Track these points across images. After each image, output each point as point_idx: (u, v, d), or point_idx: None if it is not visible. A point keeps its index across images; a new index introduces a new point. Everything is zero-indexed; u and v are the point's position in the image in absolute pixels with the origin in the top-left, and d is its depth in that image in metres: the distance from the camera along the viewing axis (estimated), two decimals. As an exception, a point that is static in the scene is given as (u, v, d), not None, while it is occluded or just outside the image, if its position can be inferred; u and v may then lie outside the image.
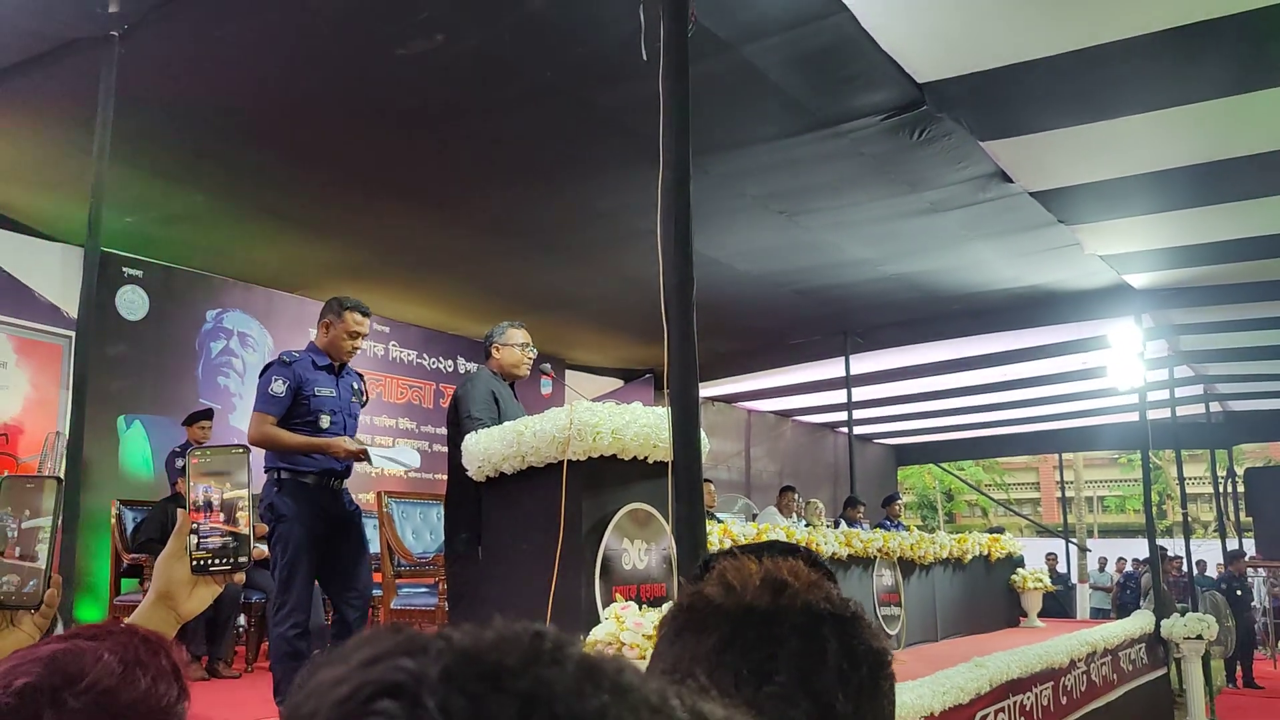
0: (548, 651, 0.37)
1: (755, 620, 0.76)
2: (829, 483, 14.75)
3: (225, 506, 1.20)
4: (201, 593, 1.21)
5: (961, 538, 7.14)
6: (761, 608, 0.77)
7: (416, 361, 9.26)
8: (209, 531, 1.19)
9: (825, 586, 0.80)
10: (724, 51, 4.38)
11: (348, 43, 4.44)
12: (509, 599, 3.55)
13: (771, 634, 0.75)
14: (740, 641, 0.75)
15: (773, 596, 0.78)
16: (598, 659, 0.38)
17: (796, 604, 0.77)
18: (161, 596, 1.19)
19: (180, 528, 1.20)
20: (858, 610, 0.80)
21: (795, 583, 0.79)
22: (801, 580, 0.80)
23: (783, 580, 0.79)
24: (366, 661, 0.37)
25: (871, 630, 0.80)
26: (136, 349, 6.98)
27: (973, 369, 10.78)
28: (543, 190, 6.17)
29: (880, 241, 7.10)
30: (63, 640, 0.89)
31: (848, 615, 0.78)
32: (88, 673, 0.84)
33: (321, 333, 4.06)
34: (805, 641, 0.75)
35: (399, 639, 0.38)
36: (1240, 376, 11.41)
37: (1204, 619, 7.82)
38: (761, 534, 4.91)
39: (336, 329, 4.01)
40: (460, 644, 0.37)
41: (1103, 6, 4.04)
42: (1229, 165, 5.44)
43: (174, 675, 0.90)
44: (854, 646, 0.77)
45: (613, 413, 3.36)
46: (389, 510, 5.06)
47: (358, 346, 4.09)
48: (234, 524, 1.20)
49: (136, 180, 5.76)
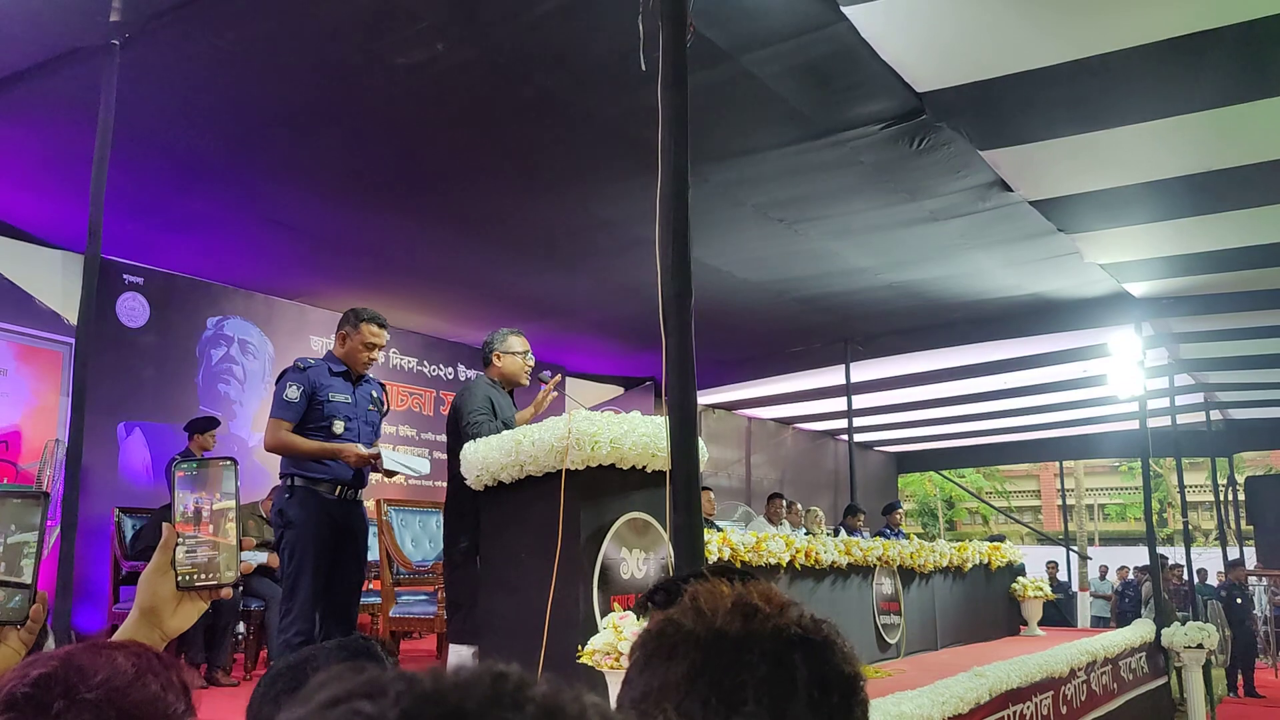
0: (509, 694, 0.37)
1: (726, 646, 0.75)
2: (830, 490, 14.75)
3: (214, 518, 1.18)
4: (187, 609, 1.19)
5: (961, 546, 7.13)
6: (732, 633, 0.76)
7: (417, 369, 9.27)
8: (196, 545, 1.17)
9: (798, 610, 0.79)
10: (724, 61, 4.39)
11: (347, 51, 4.44)
12: (507, 608, 3.55)
13: (741, 660, 0.74)
14: (710, 669, 0.74)
15: (743, 622, 0.77)
16: (561, 700, 0.38)
17: (767, 629, 0.76)
18: (145, 613, 1.17)
19: (165, 542, 1.18)
20: (830, 634, 0.79)
21: (767, 607, 0.78)
22: (773, 604, 0.79)
23: (754, 605, 0.78)
24: (326, 704, 0.36)
25: (844, 654, 0.78)
26: (137, 356, 6.98)
27: (973, 377, 10.78)
28: (543, 198, 6.18)
29: (880, 250, 7.10)
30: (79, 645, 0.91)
31: (819, 640, 0.77)
32: (101, 670, 0.86)
33: (339, 343, 4.10)
34: (775, 668, 0.74)
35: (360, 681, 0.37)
36: (1240, 385, 11.40)
37: (1204, 628, 7.81)
38: (761, 542, 4.90)
39: (353, 340, 4.05)
40: (420, 687, 0.37)
41: (1101, 17, 4.04)
42: (1227, 175, 5.44)
43: (183, 690, 0.91)
44: (825, 672, 0.76)
45: (611, 422, 3.37)
46: (388, 518, 5.06)
47: (374, 358, 4.12)
48: (223, 536, 1.18)
49: (137, 187, 5.77)
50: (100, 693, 0.84)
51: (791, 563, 5.06)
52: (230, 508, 1.19)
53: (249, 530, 6.23)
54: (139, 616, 1.17)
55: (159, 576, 1.18)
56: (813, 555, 5.24)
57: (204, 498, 1.19)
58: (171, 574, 1.17)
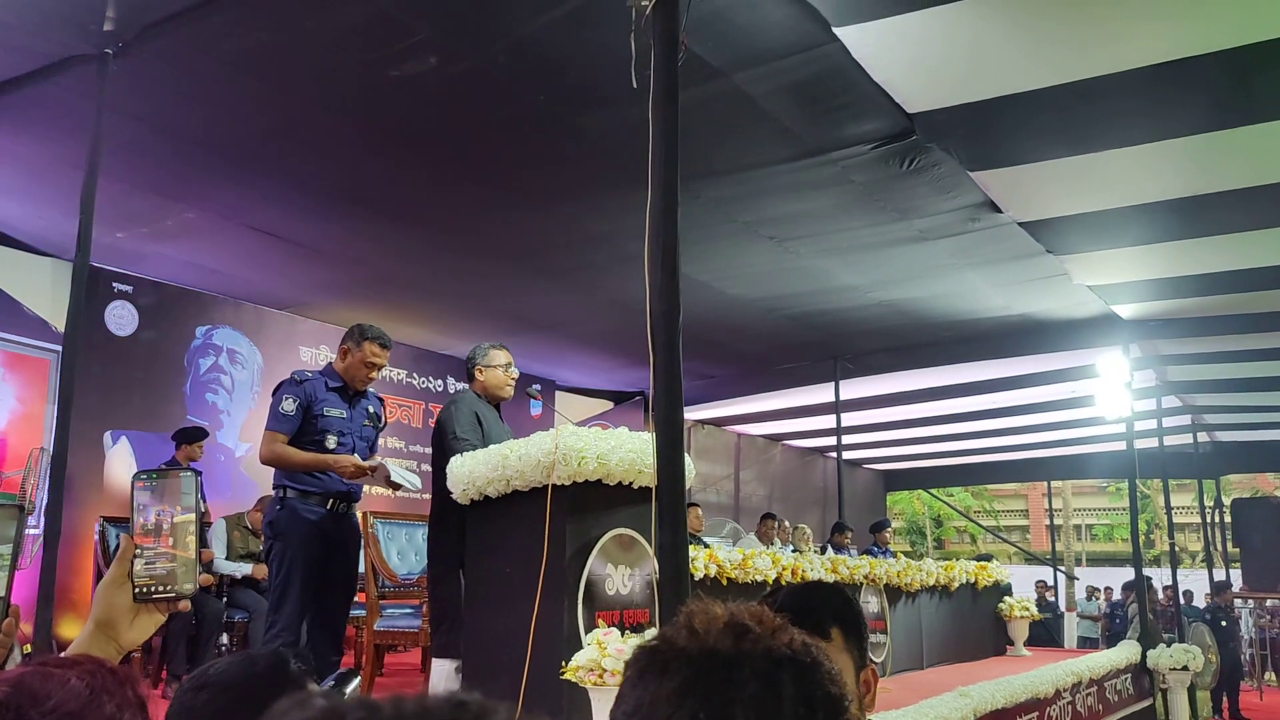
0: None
1: (716, 664, 0.77)
2: (818, 507, 14.75)
3: (174, 530, 1.17)
4: (144, 621, 1.17)
5: (948, 566, 7.14)
6: (723, 652, 0.77)
7: (406, 381, 9.25)
8: (155, 556, 1.16)
9: (789, 632, 0.81)
10: (716, 78, 4.41)
11: (340, 63, 4.46)
12: (491, 623, 3.53)
13: (731, 678, 0.76)
14: (700, 686, 0.76)
15: (734, 641, 0.78)
16: None
17: (758, 649, 0.78)
18: (101, 625, 1.15)
19: (123, 553, 1.16)
20: (819, 656, 0.81)
21: (758, 628, 0.80)
22: (765, 625, 0.80)
23: (745, 625, 0.80)
24: None
25: (831, 676, 0.80)
26: (124, 365, 6.95)
27: (962, 396, 10.81)
28: (534, 212, 6.19)
29: (870, 268, 7.13)
30: (31, 666, 0.89)
31: (807, 661, 0.79)
32: (54, 694, 0.84)
33: (340, 358, 4.09)
34: (763, 687, 0.76)
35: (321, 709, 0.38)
36: (1228, 407, 11.46)
37: (1189, 650, 7.82)
38: (748, 559, 4.90)
39: (354, 356, 4.04)
40: (380, 715, 0.37)
41: (1090, 41, 4.08)
42: (1213, 199, 5.48)
43: (139, 706, 0.90)
44: (811, 693, 0.77)
45: (598, 437, 3.36)
46: (374, 531, 5.04)
47: (373, 377, 4.11)
48: (182, 549, 1.17)
49: (128, 196, 5.76)
50: (54, 718, 0.82)
51: (778, 580, 5.05)
52: (190, 520, 1.18)
53: (234, 540, 6.20)
54: (95, 629, 1.15)
55: (116, 588, 1.16)
56: (799, 573, 5.23)
57: (165, 510, 1.18)
58: (129, 585, 1.15)
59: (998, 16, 3.91)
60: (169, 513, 1.18)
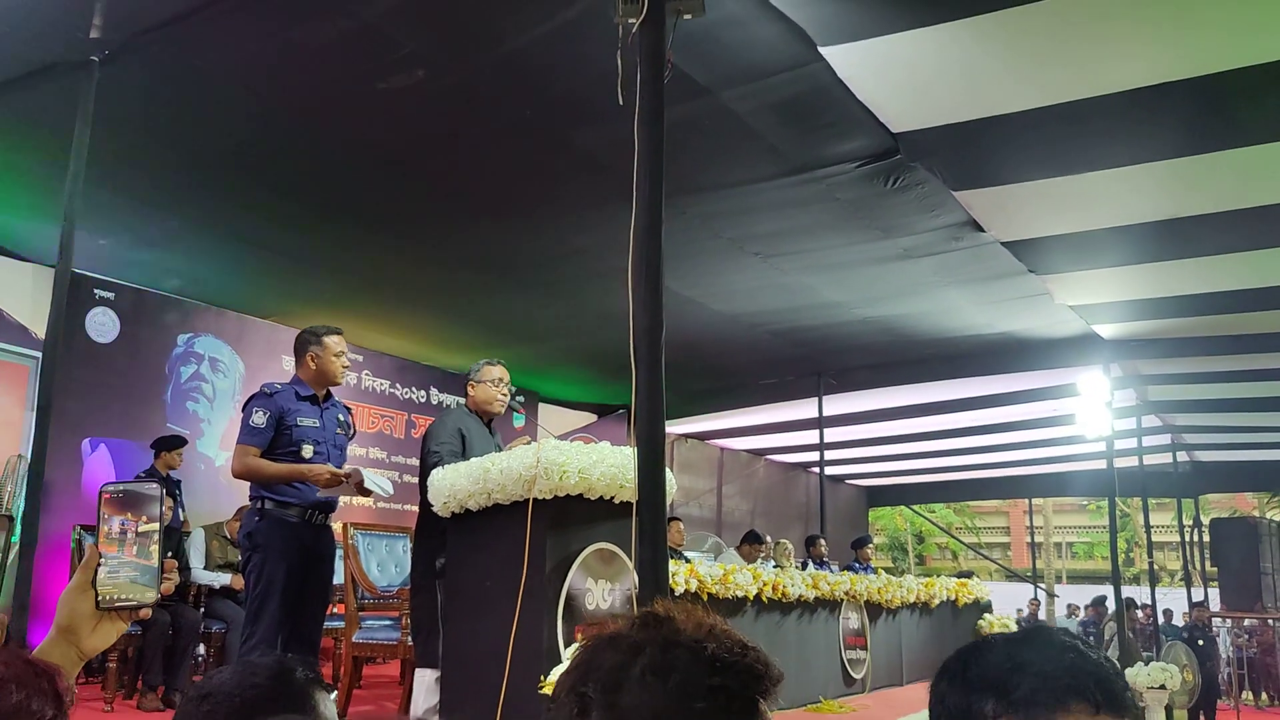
0: None
1: (619, 647, 0.85)
2: (800, 522, 14.76)
3: (139, 540, 1.20)
4: (106, 629, 1.19)
5: (929, 583, 7.17)
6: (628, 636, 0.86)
7: (389, 391, 9.23)
8: (119, 565, 1.18)
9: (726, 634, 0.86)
10: (702, 96, 4.44)
11: (328, 75, 4.46)
12: (471, 635, 3.53)
13: (626, 661, 0.84)
14: (595, 665, 0.85)
15: (642, 628, 0.86)
16: None
17: (659, 635, 0.85)
18: (63, 632, 1.17)
19: (87, 561, 1.19)
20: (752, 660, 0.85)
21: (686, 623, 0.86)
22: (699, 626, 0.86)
23: (663, 617, 0.87)
24: None
25: (745, 678, 0.84)
26: (105, 372, 6.91)
27: (945, 413, 10.86)
28: (519, 225, 6.20)
29: (854, 285, 7.17)
30: None
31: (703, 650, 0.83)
32: None
33: (307, 365, 4.07)
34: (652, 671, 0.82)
35: None
36: (1207, 427, 11.56)
37: (1167, 668, 7.85)
38: (728, 574, 4.91)
39: (323, 356, 4.04)
40: None
41: (1071, 65, 4.13)
42: (1192, 221, 5.54)
43: (54, 699, 0.91)
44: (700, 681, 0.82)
45: (580, 452, 3.37)
46: (354, 542, 5.02)
47: (348, 365, 4.13)
48: (145, 558, 1.20)
49: (112, 203, 5.74)
50: None
51: (759, 595, 5.07)
52: (155, 530, 1.21)
53: (213, 550, 6.16)
54: (57, 635, 1.17)
55: (79, 595, 1.18)
56: (780, 589, 5.25)
57: (130, 519, 1.20)
58: (91, 593, 1.17)
59: (981, 39, 3.96)
60: (134, 523, 1.20)
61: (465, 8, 3.95)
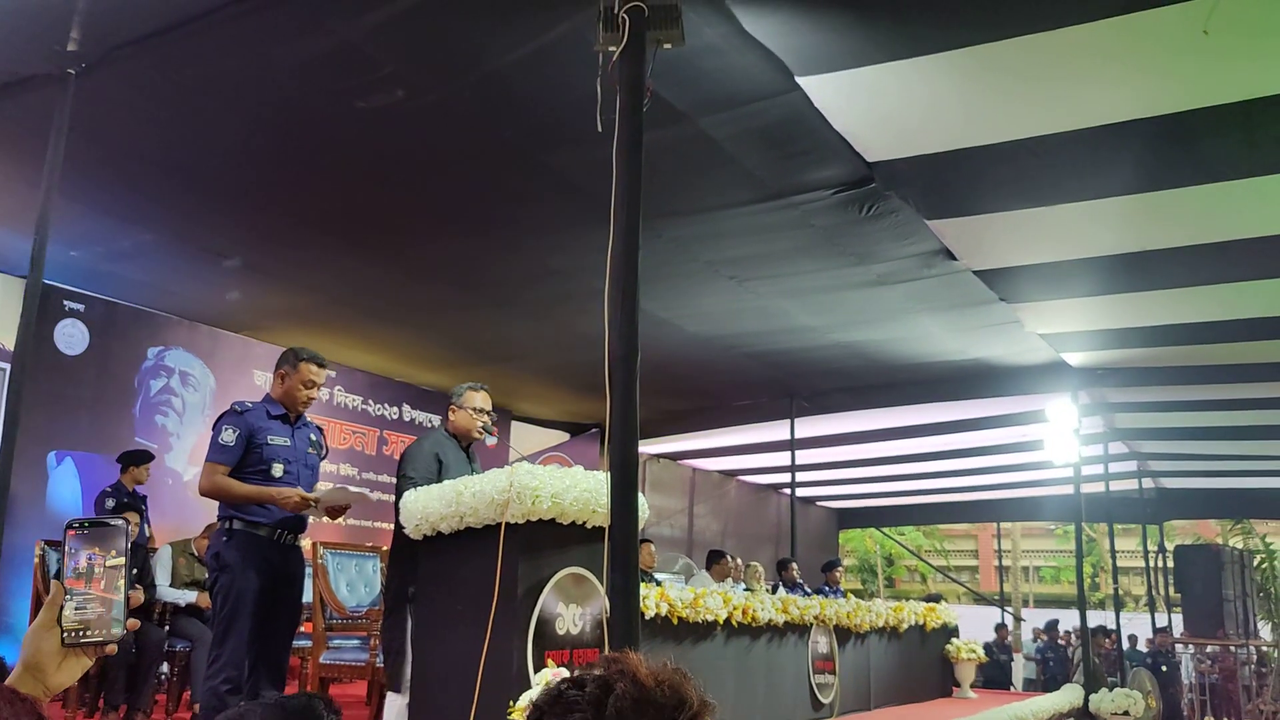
0: None
1: None
2: (771, 543, 14.79)
3: (105, 575, 1.20)
4: (71, 665, 1.19)
5: (898, 607, 7.20)
6: None
7: (361, 407, 9.18)
8: (85, 601, 1.18)
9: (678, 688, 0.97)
10: (680, 121, 4.48)
11: (307, 93, 4.46)
12: (441, 658, 3.51)
13: None
14: None
15: None
16: None
17: None
18: (29, 668, 1.17)
19: (53, 599, 1.19)
20: None
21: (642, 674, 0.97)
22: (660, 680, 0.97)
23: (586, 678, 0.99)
24: None
25: None
26: (73, 384, 6.82)
27: (915, 437, 10.94)
28: (496, 245, 6.21)
29: (828, 310, 7.23)
30: None
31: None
32: None
33: (277, 383, 4.05)
34: None
35: None
36: (1173, 455, 11.71)
37: (1131, 694, 7.94)
38: (699, 598, 4.91)
39: (292, 379, 4.01)
40: None
41: (1040, 100, 4.21)
42: (1158, 255, 5.65)
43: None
44: None
45: (553, 476, 3.37)
46: (324, 562, 4.98)
47: (313, 397, 4.08)
48: (113, 593, 1.20)
49: (84, 216, 5.69)
50: None
51: (729, 620, 5.07)
52: (121, 565, 1.21)
53: (179, 567, 6.08)
54: (23, 671, 1.17)
55: (44, 632, 1.18)
56: (750, 613, 5.25)
57: (97, 554, 1.21)
58: (57, 630, 1.17)
59: (955, 73, 4.03)
60: (100, 558, 1.20)
61: (445, 30, 3.97)
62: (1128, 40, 3.72)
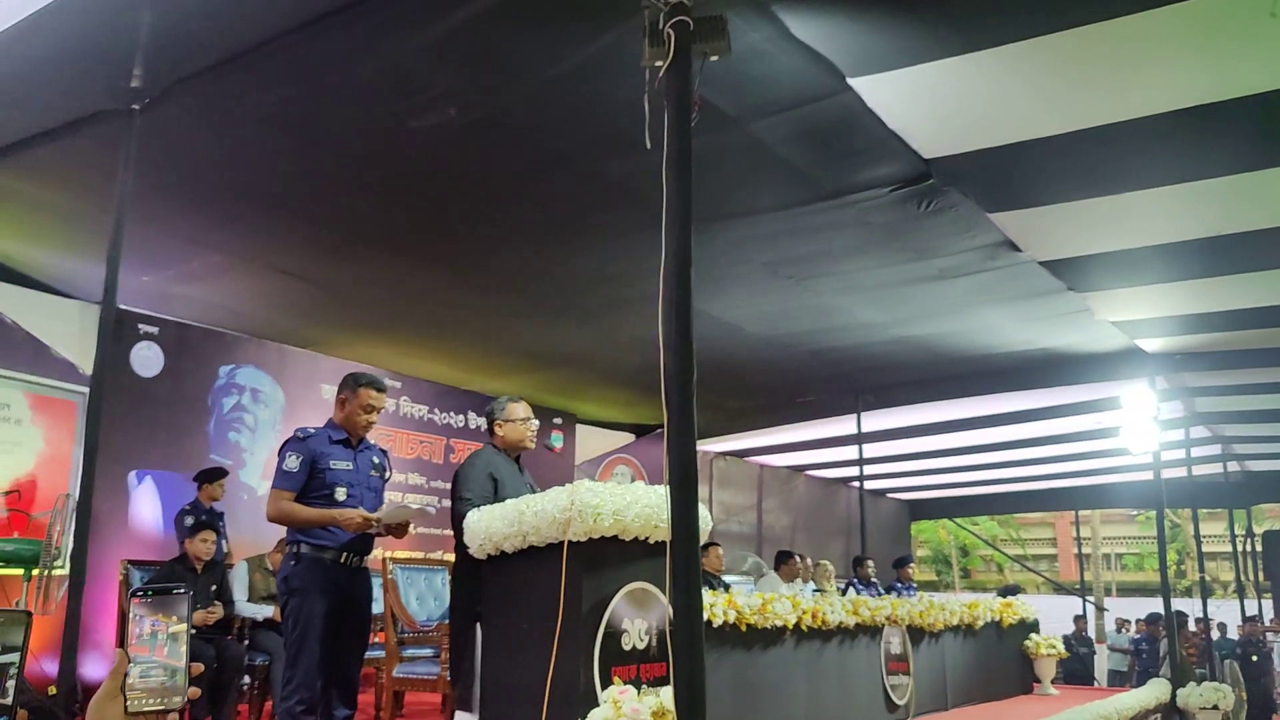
0: None
1: None
2: (842, 536, 14.67)
3: (168, 641, 1.23)
4: None
5: (973, 604, 7.05)
6: None
7: (427, 417, 9.30)
8: (150, 668, 1.21)
9: None
10: (731, 127, 4.44)
11: (362, 115, 4.52)
12: (509, 677, 3.53)
13: None
14: None
15: None
16: None
17: None
18: None
19: (116, 668, 1.21)
20: None
21: None
22: None
23: None
24: None
25: None
26: (149, 405, 7.03)
27: (985, 427, 10.74)
28: (554, 253, 6.24)
29: (889, 305, 7.12)
30: None
31: None
32: None
33: (338, 409, 4.13)
34: None
35: None
36: (1259, 437, 11.32)
37: (1220, 688, 7.68)
38: (767, 604, 4.86)
39: (352, 404, 4.09)
40: None
41: (1106, 88, 4.08)
42: (1239, 239, 5.44)
43: None
44: None
45: (614, 493, 3.37)
46: (393, 577, 5.06)
47: (373, 421, 4.15)
48: (175, 659, 1.23)
49: (154, 241, 5.86)
50: None
51: (798, 624, 5.02)
52: (183, 630, 1.24)
53: (256, 583, 6.23)
54: None
55: (109, 701, 1.20)
56: (819, 616, 5.19)
57: (160, 621, 1.23)
58: (120, 699, 1.20)
59: (1010, 67, 3.92)
60: (164, 624, 1.23)
61: (491, 49, 3.98)
62: (1193, 25, 3.59)
